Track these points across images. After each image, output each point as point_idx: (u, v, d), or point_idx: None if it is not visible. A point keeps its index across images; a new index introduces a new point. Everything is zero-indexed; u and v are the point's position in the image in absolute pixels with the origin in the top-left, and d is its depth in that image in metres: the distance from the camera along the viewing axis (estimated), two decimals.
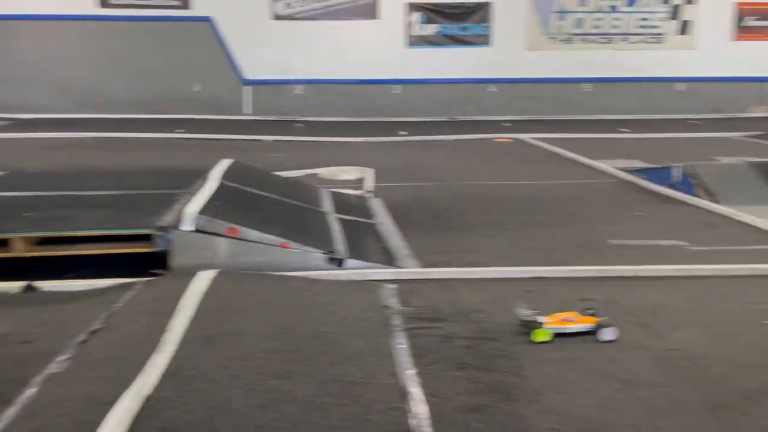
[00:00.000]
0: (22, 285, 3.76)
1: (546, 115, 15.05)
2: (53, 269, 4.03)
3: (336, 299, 3.62)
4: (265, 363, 2.72)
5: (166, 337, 2.82)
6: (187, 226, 3.96)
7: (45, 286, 3.79)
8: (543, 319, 3.05)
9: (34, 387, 2.53)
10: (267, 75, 14.79)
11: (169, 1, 14.58)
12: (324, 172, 7.93)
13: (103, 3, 14.36)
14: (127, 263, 4.14)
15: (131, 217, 4.38)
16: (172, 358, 2.65)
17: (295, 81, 14.97)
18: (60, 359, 2.78)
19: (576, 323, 3.08)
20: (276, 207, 5.01)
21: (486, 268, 4.15)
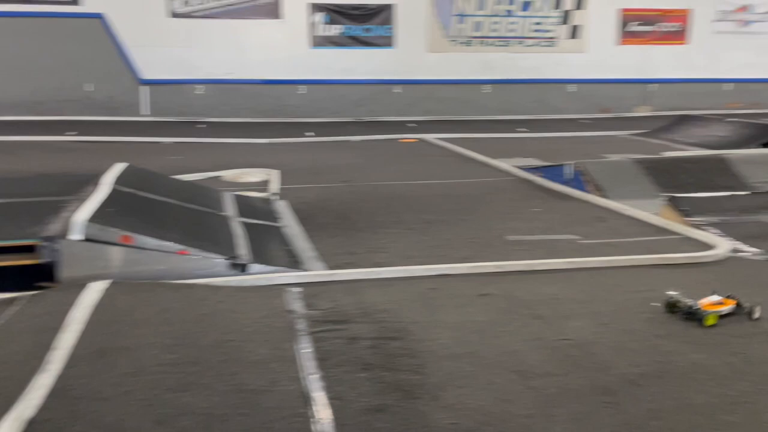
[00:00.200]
0: None
1: (449, 116, 15.49)
2: None
3: (239, 306, 3.54)
4: (162, 377, 2.62)
5: (51, 356, 2.65)
6: (76, 235, 3.75)
7: None
8: (699, 305, 3.38)
9: None
10: (166, 74, 14.25)
11: None
12: (227, 174, 7.74)
13: None
14: (11, 277, 3.85)
15: (13, 227, 4.09)
16: (58, 377, 2.50)
17: (196, 81, 14.53)
18: None
19: (725, 305, 3.41)
20: (174, 212, 4.84)
21: (390, 267, 4.20)
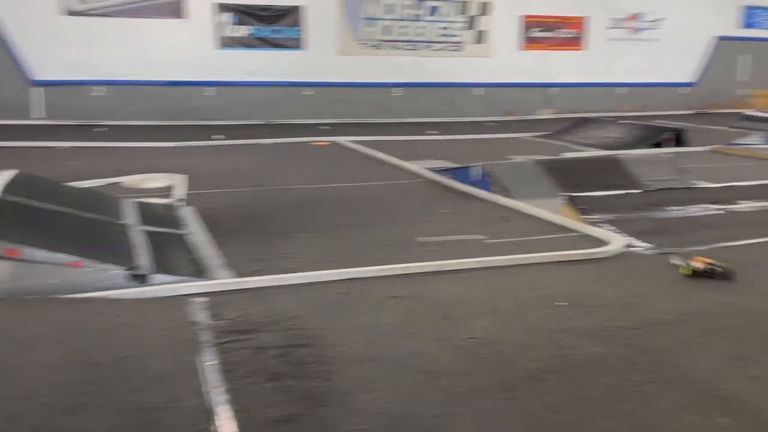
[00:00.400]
0: None
1: (361, 119, 15.58)
2: None
3: (139, 320, 3.39)
4: (52, 399, 2.46)
5: None
6: None
7: None
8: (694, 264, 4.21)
9: None
10: (61, 75, 13.47)
11: None
12: (128, 180, 7.40)
13: None
14: None
15: None
16: None
17: (94, 82, 13.82)
18: None
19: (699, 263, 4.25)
20: (69, 222, 4.55)
21: (300, 273, 4.15)
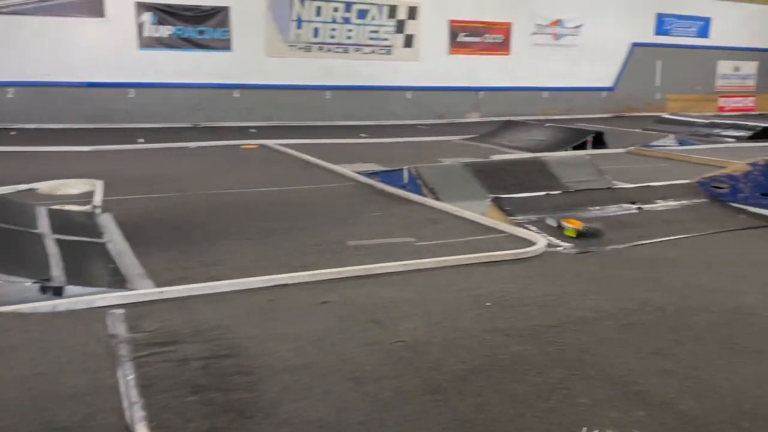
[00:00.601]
0: None
1: (291, 121, 15.46)
2: None
3: (51, 334, 3.20)
4: None
5: None
6: None
7: None
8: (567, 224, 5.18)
9: None
10: None
11: None
12: (43, 186, 7.03)
13: None
14: None
15: None
16: None
17: (5, 83, 13.06)
18: None
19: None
20: None
21: (225, 281, 4.04)
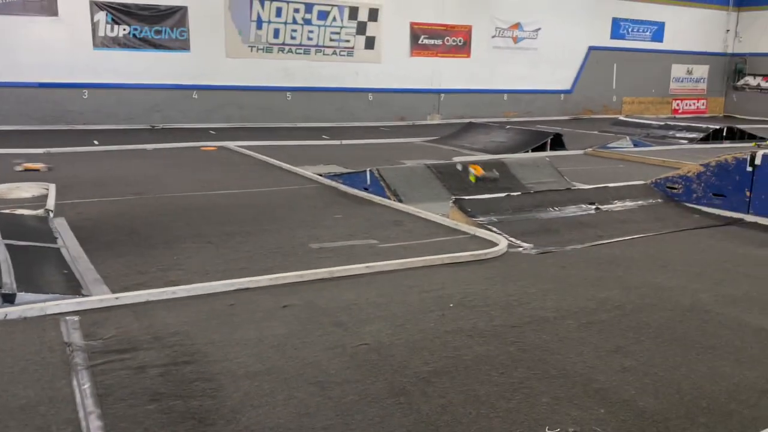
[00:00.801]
0: None
1: (251, 123, 15.30)
2: None
3: (2, 344, 3.09)
4: None
5: None
6: None
7: None
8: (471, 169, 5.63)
9: None
10: None
11: None
12: None
13: None
14: None
15: None
16: None
17: None
18: None
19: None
20: None
21: (184, 286, 3.96)
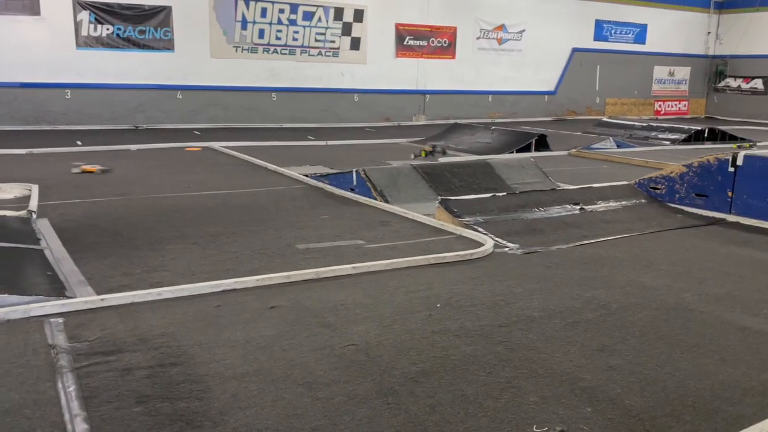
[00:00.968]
0: None
1: (236, 123, 15.24)
2: None
3: None
4: None
5: None
6: None
7: None
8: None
9: None
10: None
11: None
12: None
13: None
14: None
15: None
16: None
17: None
18: None
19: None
20: None
21: (171, 287, 3.93)
